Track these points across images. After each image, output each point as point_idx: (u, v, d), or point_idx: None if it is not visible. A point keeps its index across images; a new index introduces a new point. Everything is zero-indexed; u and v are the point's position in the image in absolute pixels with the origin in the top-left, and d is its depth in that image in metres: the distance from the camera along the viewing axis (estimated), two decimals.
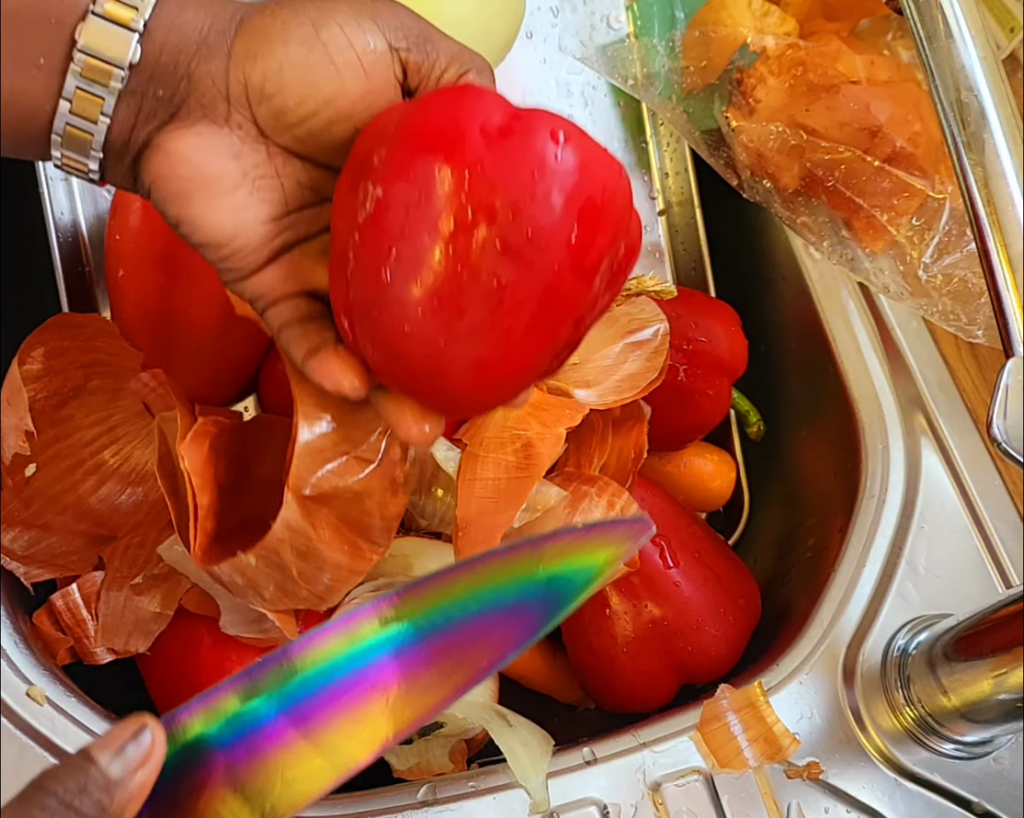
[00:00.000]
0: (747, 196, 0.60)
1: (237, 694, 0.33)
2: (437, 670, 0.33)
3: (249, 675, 0.33)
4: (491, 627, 0.33)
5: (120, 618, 0.51)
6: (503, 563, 0.34)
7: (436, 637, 0.33)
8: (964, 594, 0.53)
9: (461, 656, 0.33)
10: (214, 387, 0.60)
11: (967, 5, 0.40)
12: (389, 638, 0.33)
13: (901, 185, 0.58)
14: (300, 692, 0.33)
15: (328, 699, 0.33)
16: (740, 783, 0.48)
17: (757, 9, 0.62)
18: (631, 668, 0.55)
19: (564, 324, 0.35)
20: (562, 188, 0.32)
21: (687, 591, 0.55)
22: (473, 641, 0.33)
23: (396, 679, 0.33)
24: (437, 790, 0.48)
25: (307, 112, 0.37)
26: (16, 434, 0.50)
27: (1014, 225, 0.37)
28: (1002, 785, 0.49)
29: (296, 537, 0.45)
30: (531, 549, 0.34)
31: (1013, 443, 0.35)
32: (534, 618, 0.33)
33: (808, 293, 0.62)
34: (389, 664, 0.33)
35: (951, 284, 0.57)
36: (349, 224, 0.35)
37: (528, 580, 0.33)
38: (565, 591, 0.33)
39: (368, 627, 0.33)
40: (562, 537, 0.34)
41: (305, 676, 0.33)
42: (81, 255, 0.63)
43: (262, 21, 0.36)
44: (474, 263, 0.33)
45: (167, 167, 0.37)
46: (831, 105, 0.58)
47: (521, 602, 0.33)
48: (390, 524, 0.48)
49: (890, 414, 0.57)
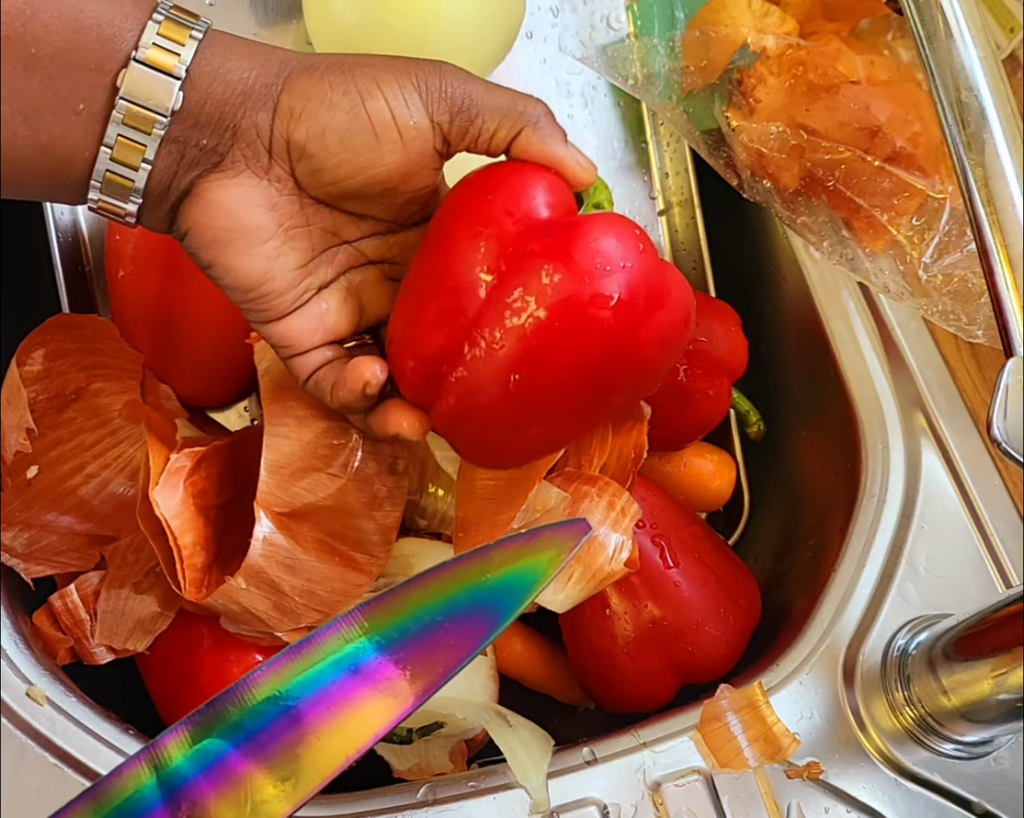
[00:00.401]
0: (747, 196, 0.60)
1: (189, 734, 0.34)
2: (397, 682, 0.34)
3: (203, 712, 0.34)
4: (446, 635, 0.35)
5: (120, 617, 0.51)
6: (454, 573, 0.36)
7: (395, 650, 0.35)
8: (964, 594, 0.53)
9: (419, 665, 0.34)
10: (214, 387, 0.60)
11: (967, 5, 0.40)
12: (348, 655, 0.35)
13: (901, 185, 0.58)
14: (256, 722, 0.34)
15: (287, 723, 0.34)
16: (740, 783, 0.48)
17: (757, 9, 0.62)
18: (631, 668, 0.55)
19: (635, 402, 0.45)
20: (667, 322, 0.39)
21: (687, 591, 0.55)
22: (430, 650, 0.35)
23: (358, 696, 0.34)
24: (437, 790, 0.48)
25: (344, 175, 0.37)
26: (17, 433, 0.50)
27: (1014, 225, 0.37)
28: (1002, 785, 0.49)
29: (277, 551, 0.45)
30: (479, 558, 0.36)
31: (1013, 443, 0.34)
32: (485, 622, 0.35)
33: (808, 293, 0.62)
34: (350, 682, 0.34)
35: (951, 284, 0.57)
36: (459, 299, 0.38)
37: (478, 587, 0.35)
38: (513, 595, 0.35)
39: (327, 647, 0.35)
40: (507, 545, 0.36)
41: (259, 706, 0.34)
42: (81, 255, 0.63)
43: (310, 83, 0.37)
44: (573, 365, 0.38)
45: (207, 216, 0.37)
46: (831, 105, 0.58)
47: (472, 609, 0.35)
48: (386, 536, 0.49)
49: (890, 414, 0.57)
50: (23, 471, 0.51)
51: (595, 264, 0.36)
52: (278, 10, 0.62)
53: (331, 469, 0.46)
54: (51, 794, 0.45)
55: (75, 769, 0.46)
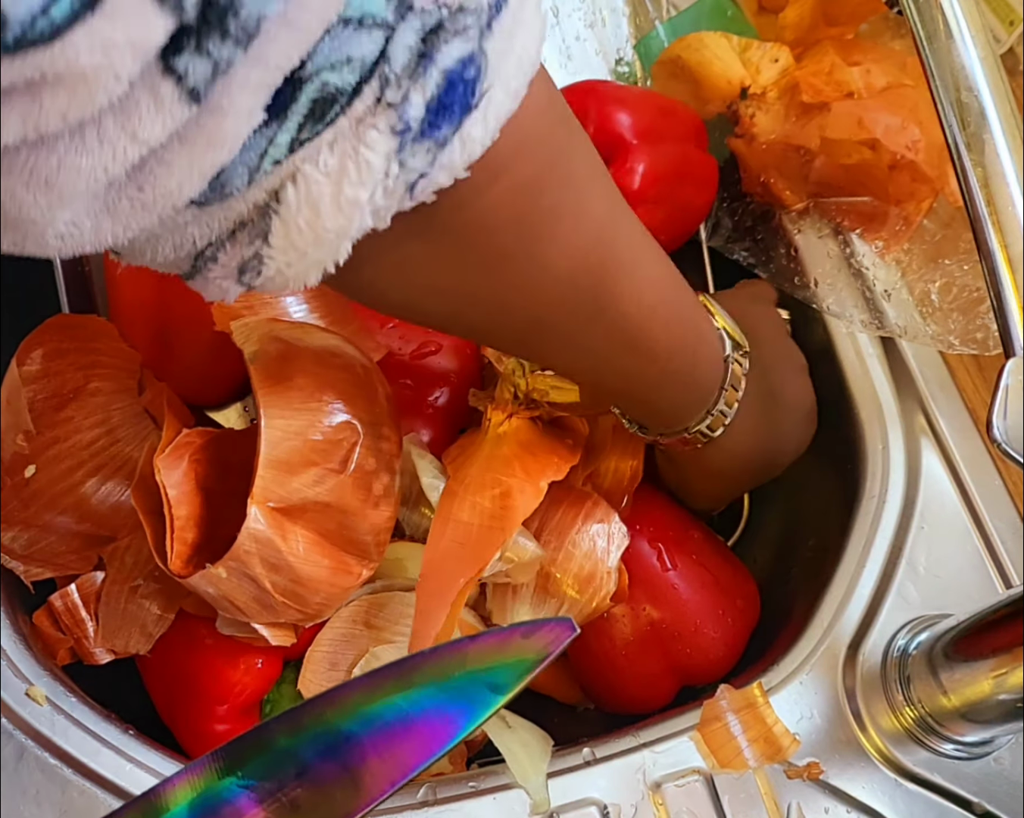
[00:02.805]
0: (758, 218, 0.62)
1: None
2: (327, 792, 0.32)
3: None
4: (411, 732, 0.32)
5: (121, 619, 0.51)
6: (426, 666, 0.33)
7: (356, 741, 0.32)
8: (964, 594, 0.53)
9: (379, 762, 0.32)
10: (212, 386, 0.60)
11: (967, 5, 0.40)
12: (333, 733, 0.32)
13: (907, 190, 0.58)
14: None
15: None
16: (740, 783, 0.48)
17: (737, 45, 0.63)
18: (630, 670, 0.55)
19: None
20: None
21: (685, 593, 0.54)
22: (392, 746, 0.32)
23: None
24: (437, 790, 0.48)
25: None
26: (15, 433, 0.50)
27: (1014, 225, 0.37)
28: (1002, 785, 0.49)
29: (264, 549, 0.44)
30: (454, 652, 0.33)
31: (1013, 443, 0.34)
32: (452, 723, 0.32)
33: None
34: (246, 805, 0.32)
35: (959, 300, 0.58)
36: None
37: (449, 684, 0.33)
38: (487, 695, 0.32)
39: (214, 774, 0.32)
40: (485, 640, 0.34)
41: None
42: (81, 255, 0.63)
43: None
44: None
45: None
46: (823, 123, 0.59)
47: (441, 706, 0.32)
48: (379, 537, 0.48)
49: (890, 414, 0.57)
50: (21, 470, 0.51)
51: None
52: None
53: (330, 464, 0.45)
54: (51, 794, 0.45)
55: (75, 769, 0.46)
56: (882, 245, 0.60)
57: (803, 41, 0.63)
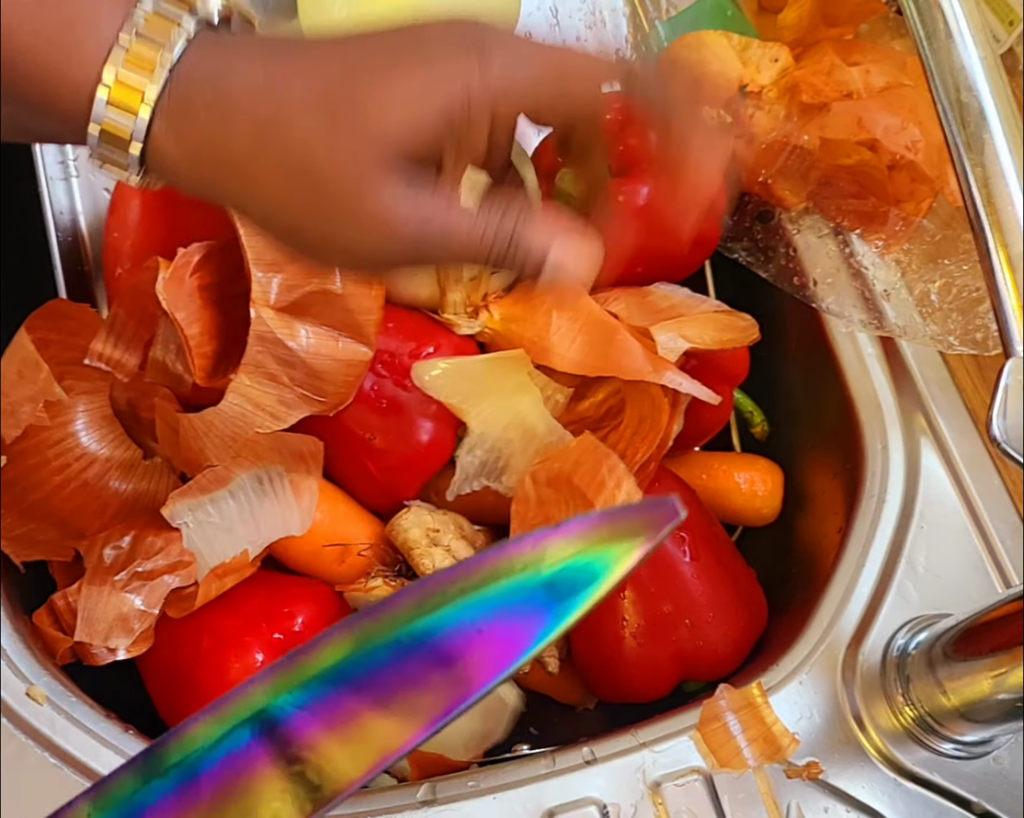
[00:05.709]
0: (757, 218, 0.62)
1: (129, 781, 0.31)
2: (391, 703, 0.29)
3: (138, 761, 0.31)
4: (485, 639, 0.29)
5: (101, 613, 0.50)
6: (499, 564, 0.30)
7: (426, 651, 0.29)
8: (964, 594, 0.53)
9: (452, 674, 0.29)
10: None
11: (967, 5, 0.40)
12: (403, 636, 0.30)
13: (907, 190, 0.58)
14: (186, 774, 0.30)
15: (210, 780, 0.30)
16: (740, 783, 0.48)
17: (737, 44, 0.62)
18: (636, 654, 0.55)
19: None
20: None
21: (703, 585, 0.55)
22: (465, 655, 0.29)
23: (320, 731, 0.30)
24: (437, 790, 0.48)
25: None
26: (31, 406, 0.51)
27: (1014, 225, 0.37)
28: (1002, 785, 0.49)
29: (273, 347, 0.47)
30: (531, 547, 0.29)
31: (1013, 443, 0.34)
32: (533, 626, 0.29)
33: None
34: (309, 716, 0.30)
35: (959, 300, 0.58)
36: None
37: (528, 582, 0.29)
38: (572, 593, 0.29)
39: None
40: (570, 529, 0.30)
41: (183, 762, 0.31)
42: (81, 254, 0.63)
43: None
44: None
45: None
46: (822, 124, 0.59)
47: (519, 609, 0.29)
48: (372, 315, 0.51)
49: (890, 414, 0.57)
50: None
51: None
52: (278, 9, 0.62)
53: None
54: (51, 794, 0.45)
55: (75, 769, 0.46)
56: (882, 245, 0.60)
57: (803, 41, 0.63)
